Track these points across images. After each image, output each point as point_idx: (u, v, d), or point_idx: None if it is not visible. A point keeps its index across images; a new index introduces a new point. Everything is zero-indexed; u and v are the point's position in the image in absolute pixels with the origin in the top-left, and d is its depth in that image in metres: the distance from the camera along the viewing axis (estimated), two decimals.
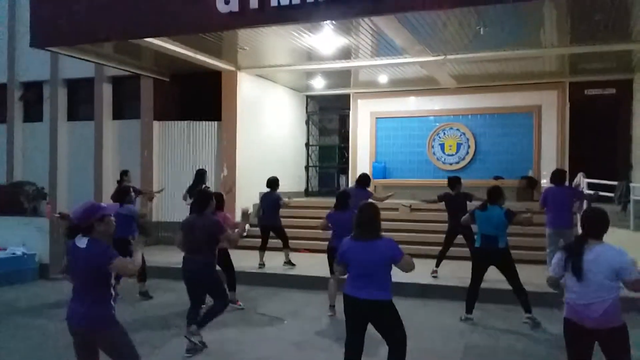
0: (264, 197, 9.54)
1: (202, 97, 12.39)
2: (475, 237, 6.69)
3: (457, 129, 13.79)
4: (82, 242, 3.57)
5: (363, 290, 4.20)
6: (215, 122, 12.26)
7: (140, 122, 12.53)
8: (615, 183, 9.48)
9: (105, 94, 13.19)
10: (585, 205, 8.73)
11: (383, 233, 4.34)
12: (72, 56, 10.40)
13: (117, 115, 13.36)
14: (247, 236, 11.39)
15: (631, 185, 9.36)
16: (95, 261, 3.51)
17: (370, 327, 4.29)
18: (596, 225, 3.89)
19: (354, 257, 4.30)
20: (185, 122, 12.45)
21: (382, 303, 4.22)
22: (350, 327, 4.38)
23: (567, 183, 8.66)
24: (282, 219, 9.62)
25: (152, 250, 10.50)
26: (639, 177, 10.92)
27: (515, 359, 5.55)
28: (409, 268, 4.26)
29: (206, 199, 5.72)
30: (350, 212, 6.87)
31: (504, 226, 6.52)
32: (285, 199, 9.65)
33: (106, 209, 3.74)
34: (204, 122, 12.37)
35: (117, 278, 4.24)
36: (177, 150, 12.43)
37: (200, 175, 9.78)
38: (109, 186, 12.43)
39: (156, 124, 12.45)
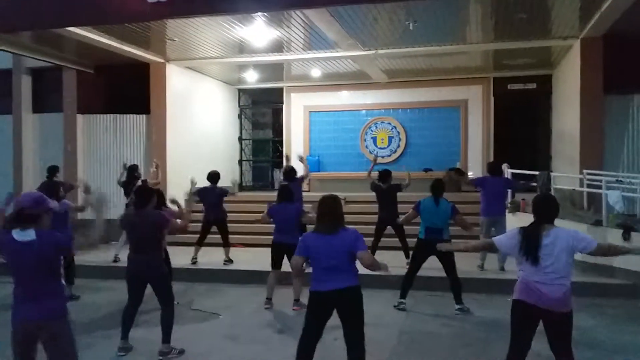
0: (204, 192, 9.18)
1: (129, 90, 11.93)
2: (420, 228, 6.81)
3: (389, 123, 14.05)
4: (26, 234, 3.41)
5: (331, 281, 4.20)
6: (144, 116, 11.87)
7: (62, 115, 11.92)
8: (537, 173, 9.95)
9: (24, 86, 12.45)
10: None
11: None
12: None
13: (38, 108, 12.65)
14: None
15: (552, 174, 9.87)
16: (51, 250, 3.45)
17: None
18: (549, 210, 4.06)
19: (319, 252, 4.25)
20: (112, 115, 11.97)
21: (352, 289, 4.24)
22: (314, 321, 4.34)
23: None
24: None
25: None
26: (558, 167, 11.52)
27: (449, 343, 5.73)
28: (368, 262, 4.22)
29: (148, 195, 5.44)
30: (295, 205, 6.88)
31: (448, 219, 6.72)
32: (230, 186, 9.50)
33: (51, 203, 3.70)
34: (131, 115, 11.95)
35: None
36: (103, 145, 11.93)
37: (132, 171, 9.48)
38: (29, 182, 11.79)
39: (80, 118, 11.89)
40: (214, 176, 9.26)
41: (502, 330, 5.87)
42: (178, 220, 5.65)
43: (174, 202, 5.71)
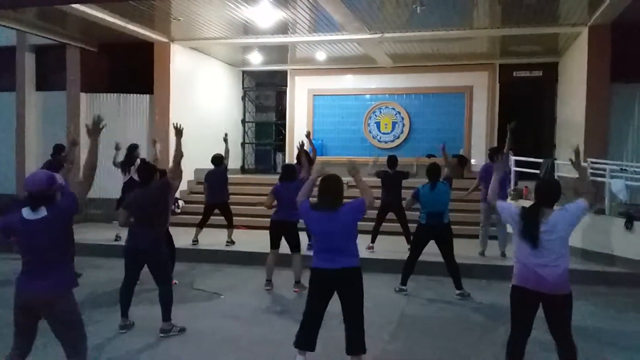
0: (209, 174, 9.19)
1: (133, 69, 11.89)
2: (420, 214, 6.80)
3: (393, 108, 13.99)
4: (37, 213, 3.39)
5: (333, 261, 4.23)
6: (147, 95, 11.82)
7: (66, 93, 11.87)
8: (540, 160, 9.91)
9: (28, 63, 12.39)
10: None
11: None
12: None
13: (41, 86, 12.60)
14: (183, 213, 11.18)
15: (556, 162, 9.83)
16: (65, 216, 3.49)
17: None
18: (550, 195, 4.05)
19: (319, 230, 4.30)
20: (115, 94, 11.93)
21: (352, 270, 4.28)
22: (316, 299, 4.38)
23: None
24: None
25: (80, 227, 10.07)
26: (562, 156, 11.47)
27: (449, 327, 5.75)
28: (370, 201, 4.31)
29: (150, 170, 5.45)
30: (296, 182, 6.82)
31: (448, 201, 6.70)
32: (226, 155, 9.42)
33: (61, 179, 3.65)
34: (135, 95, 11.90)
35: None
36: (107, 124, 11.84)
37: (132, 150, 9.42)
38: (32, 159, 11.79)
39: (83, 96, 11.85)
40: (217, 159, 9.23)
41: (502, 315, 5.91)
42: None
43: (154, 142, 5.53)
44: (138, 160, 9.19)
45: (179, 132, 5.48)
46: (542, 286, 3.91)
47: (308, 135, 8.74)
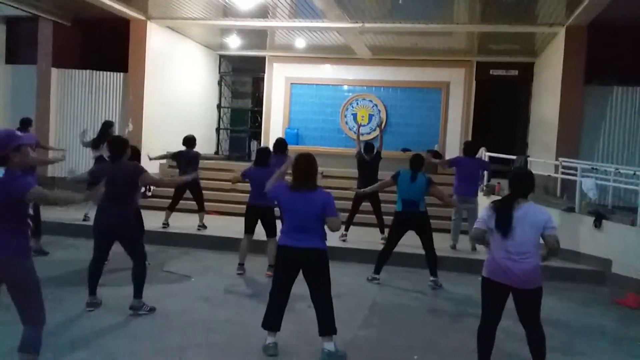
0: (180, 155, 8.99)
1: (107, 46, 11.57)
2: (397, 200, 6.80)
3: (370, 100, 13.98)
4: None
5: (300, 240, 4.29)
6: (121, 74, 11.55)
7: (36, 68, 11.51)
8: (514, 157, 10.04)
9: None
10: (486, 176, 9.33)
11: None
12: None
13: (11, 59, 12.19)
14: (153, 196, 10.99)
15: (529, 159, 9.97)
16: (15, 192, 3.27)
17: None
18: (524, 185, 4.06)
19: (292, 208, 4.34)
20: (88, 71, 11.63)
21: (318, 251, 4.34)
22: (281, 277, 4.44)
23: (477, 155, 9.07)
24: None
25: (48, 207, 9.77)
26: (534, 155, 11.63)
27: (420, 315, 5.79)
28: (335, 228, 4.36)
29: (123, 145, 5.30)
30: (270, 168, 6.72)
31: (424, 192, 6.70)
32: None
33: (22, 137, 3.44)
34: (108, 72, 11.61)
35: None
36: (78, 101, 11.61)
37: (107, 127, 9.18)
38: None
39: (55, 71, 11.52)
40: (190, 140, 9.05)
41: (471, 306, 5.97)
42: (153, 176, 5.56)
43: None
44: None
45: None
46: (510, 280, 3.95)
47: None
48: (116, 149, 5.28)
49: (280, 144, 8.24)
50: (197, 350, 4.45)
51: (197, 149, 9.18)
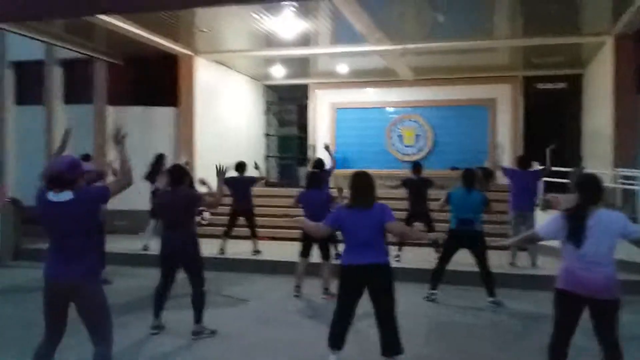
0: (233, 182, 9.07)
1: (157, 82, 12.04)
2: (450, 219, 6.72)
3: (415, 121, 13.96)
4: (63, 196, 3.38)
5: (362, 256, 4.27)
6: (172, 108, 11.95)
7: (93, 107, 12.05)
8: (571, 169, 9.76)
9: (56, 77, 12.61)
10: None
11: None
12: (20, 34, 9.90)
13: (69, 99, 12.81)
14: (209, 225, 11.20)
15: (584, 170, 9.67)
16: (92, 202, 3.50)
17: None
18: (594, 191, 3.90)
19: (351, 225, 4.33)
20: (141, 107, 12.08)
21: (382, 266, 4.30)
22: (346, 296, 4.39)
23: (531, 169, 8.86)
24: None
25: (107, 238, 10.12)
26: (590, 167, 11.29)
27: (483, 333, 5.64)
28: (398, 231, 4.44)
29: (181, 173, 5.47)
30: (324, 192, 6.80)
31: (480, 210, 6.59)
32: (259, 175, 9.45)
33: (85, 165, 3.80)
34: (160, 107, 12.04)
35: None
36: (133, 136, 11.92)
37: (159, 159, 9.49)
38: None
39: (110, 109, 12.02)
40: (241, 166, 9.24)
41: (537, 322, 5.82)
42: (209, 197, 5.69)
43: (203, 182, 5.61)
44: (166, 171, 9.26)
45: (221, 173, 5.37)
46: (586, 290, 3.79)
47: (327, 148, 8.77)
48: (175, 176, 5.44)
49: (319, 163, 8.44)
50: None
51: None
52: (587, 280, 3.78)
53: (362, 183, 4.39)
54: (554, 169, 9.67)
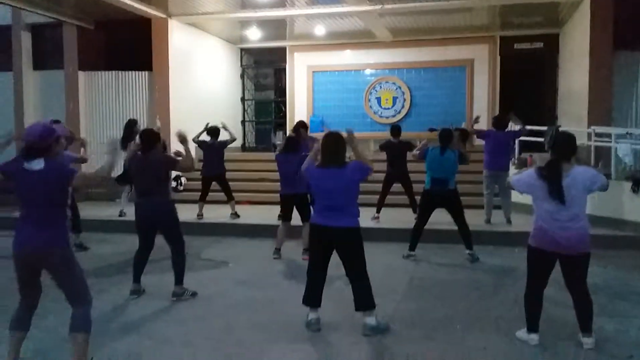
0: (206, 147, 9.11)
1: (130, 46, 11.72)
2: (426, 178, 6.76)
3: (393, 83, 13.89)
4: (36, 164, 3.37)
5: (332, 218, 4.29)
6: (146, 72, 11.71)
7: (64, 72, 11.74)
8: (544, 128, 9.85)
9: (25, 42, 12.22)
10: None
11: None
12: None
13: (39, 65, 12.45)
14: (184, 190, 11.15)
15: (560, 129, 9.77)
16: (59, 177, 3.42)
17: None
18: (568, 148, 3.97)
19: (322, 186, 4.35)
20: (113, 72, 11.81)
21: (351, 230, 4.34)
22: (317, 254, 4.47)
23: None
24: None
25: (83, 205, 9.98)
26: (565, 126, 11.41)
27: (460, 287, 5.76)
28: (365, 166, 4.33)
29: (154, 137, 5.36)
30: (299, 154, 6.74)
31: (455, 169, 6.65)
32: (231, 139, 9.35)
33: (58, 129, 3.68)
34: (133, 72, 11.78)
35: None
36: (106, 102, 11.81)
37: (131, 125, 9.31)
38: None
39: (81, 75, 11.73)
40: (214, 131, 9.19)
41: (511, 277, 5.97)
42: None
43: (182, 138, 5.45)
44: (137, 137, 9.11)
45: (183, 139, 5.24)
46: (561, 248, 3.89)
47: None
48: (148, 141, 5.33)
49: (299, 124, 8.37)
50: (240, 330, 4.50)
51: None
52: (561, 238, 3.88)
53: (331, 142, 4.38)
54: (529, 127, 9.77)
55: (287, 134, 8.43)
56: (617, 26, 9.69)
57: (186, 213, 8.73)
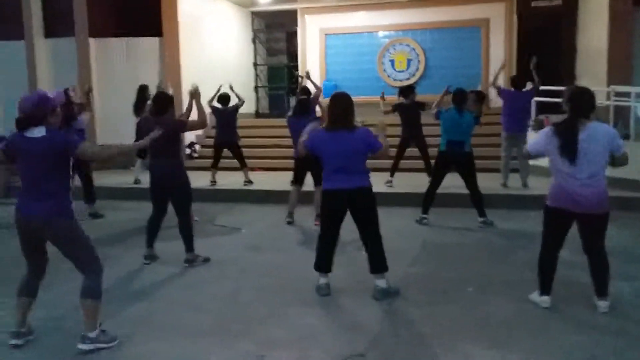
0: (217, 113, 9.07)
1: (140, 12, 11.57)
2: (441, 140, 6.66)
3: (407, 45, 13.60)
4: (36, 132, 3.35)
5: (343, 181, 4.22)
6: (156, 39, 11.59)
7: (75, 39, 11.67)
8: (563, 88, 9.59)
9: (35, 10, 12.12)
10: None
11: None
12: None
13: (49, 33, 12.37)
14: (198, 157, 11.16)
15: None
16: (60, 147, 3.38)
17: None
18: (586, 103, 3.81)
19: (329, 149, 4.23)
20: (124, 38, 11.71)
21: (363, 189, 4.28)
22: (329, 221, 4.42)
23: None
24: None
25: (98, 173, 10.05)
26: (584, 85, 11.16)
27: (473, 250, 5.74)
28: (383, 156, 4.40)
29: (167, 101, 5.34)
30: (310, 117, 6.64)
31: (471, 131, 6.52)
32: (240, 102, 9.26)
33: (55, 99, 3.60)
34: (143, 38, 11.67)
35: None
36: (117, 69, 11.75)
37: (143, 91, 9.28)
38: None
39: (92, 42, 11.66)
40: (224, 97, 9.13)
41: (524, 240, 5.90)
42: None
43: (194, 91, 5.40)
44: (149, 102, 9.08)
45: (195, 93, 5.27)
46: (580, 206, 3.79)
47: (308, 76, 8.50)
48: (160, 104, 5.31)
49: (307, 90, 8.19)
50: (250, 292, 4.54)
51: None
52: (580, 197, 3.77)
53: (339, 105, 4.27)
54: (547, 88, 9.51)
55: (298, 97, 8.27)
56: None
57: (200, 180, 8.80)
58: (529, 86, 9.53)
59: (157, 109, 5.28)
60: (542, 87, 9.54)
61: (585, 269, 4.07)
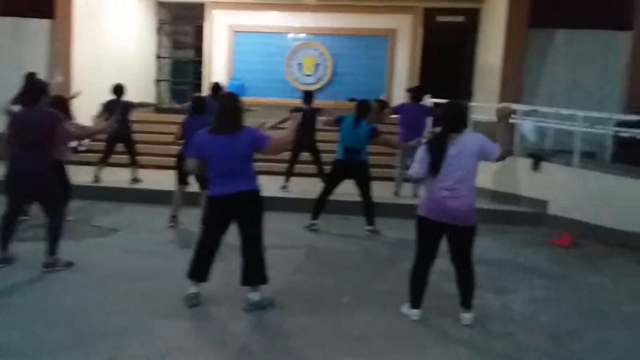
0: (109, 105, 8.44)
1: None
2: (337, 147, 6.59)
3: (316, 49, 13.58)
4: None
5: (228, 186, 3.99)
6: (48, 20, 10.75)
7: None
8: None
9: None
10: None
11: None
12: None
13: None
14: (85, 151, 10.44)
15: (469, 104, 9.91)
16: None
17: None
18: (457, 119, 3.87)
19: (215, 154, 3.98)
20: (10, 18, 10.77)
21: (250, 192, 4.07)
22: (213, 228, 4.17)
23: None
24: None
25: None
26: (480, 102, 11.56)
27: (357, 259, 5.73)
28: (280, 147, 4.17)
29: (40, 89, 4.84)
30: (206, 116, 6.37)
31: (367, 141, 6.50)
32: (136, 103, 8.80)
33: None
34: (33, 19, 10.79)
35: None
36: (1, 52, 10.79)
37: (30, 78, 8.51)
38: None
39: None
40: (119, 88, 8.59)
41: (408, 249, 5.85)
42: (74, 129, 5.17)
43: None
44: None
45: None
46: (447, 218, 3.84)
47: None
48: (32, 93, 4.83)
49: (216, 88, 7.96)
50: (116, 301, 4.20)
51: (134, 100, 8.76)
52: (447, 208, 3.81)
53: (226, 106, 4.07)
54: (444, 101, 9.77)
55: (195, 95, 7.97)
56: (534, 3, 9.85)
57: (84, 176, 8.22)
58: (426, 99, 9.81)
59: (30, 97, 4.80)
60: (439, 100, 9.88)
61: None
